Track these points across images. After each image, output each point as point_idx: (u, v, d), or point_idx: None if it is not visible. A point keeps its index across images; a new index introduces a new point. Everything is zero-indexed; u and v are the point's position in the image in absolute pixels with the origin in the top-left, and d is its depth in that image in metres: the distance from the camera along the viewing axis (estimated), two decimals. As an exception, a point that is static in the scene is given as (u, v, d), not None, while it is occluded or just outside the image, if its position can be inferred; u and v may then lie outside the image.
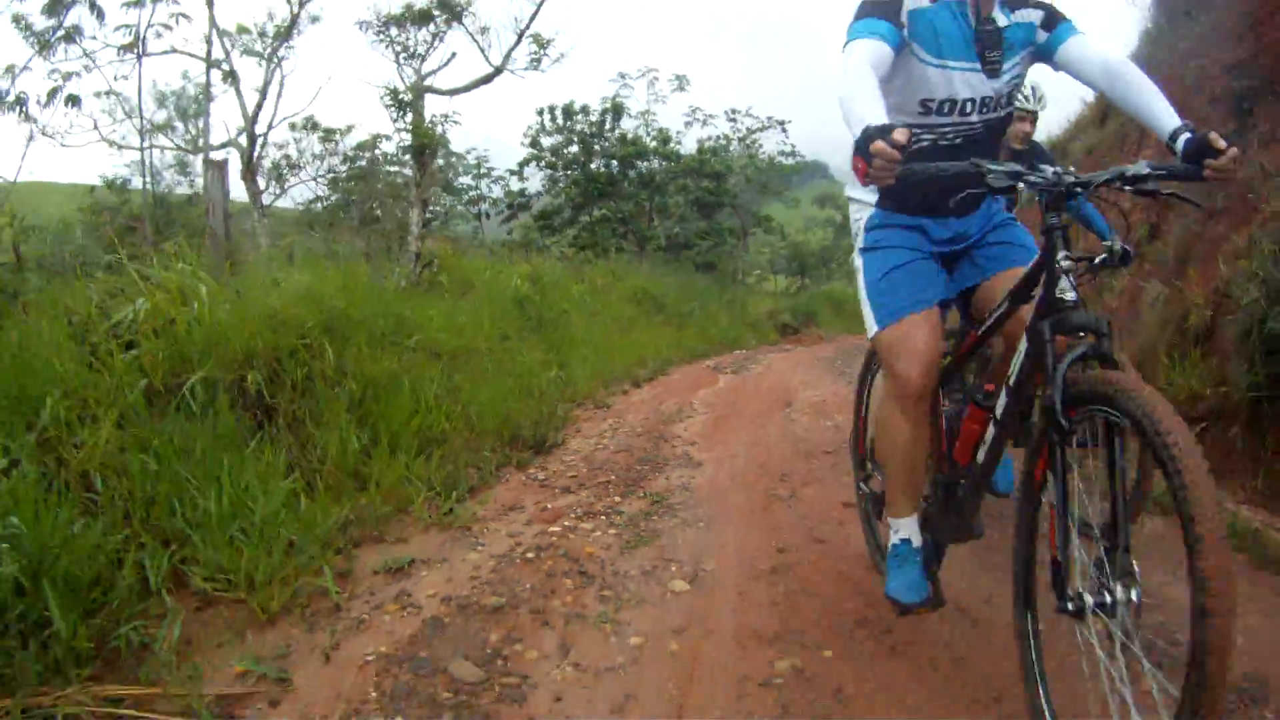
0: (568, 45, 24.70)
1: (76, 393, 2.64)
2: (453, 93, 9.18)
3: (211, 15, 10.31)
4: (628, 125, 20.39)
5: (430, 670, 1.89)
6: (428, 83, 8.57)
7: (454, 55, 12.20)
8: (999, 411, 1.78)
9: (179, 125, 12.51)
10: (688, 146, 21.95)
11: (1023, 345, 1.68)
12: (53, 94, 10.49)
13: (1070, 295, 1.59)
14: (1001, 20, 1.94)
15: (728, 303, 15.39)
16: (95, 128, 11.83)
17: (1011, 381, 1.73)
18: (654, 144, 20.46)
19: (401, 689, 1.81)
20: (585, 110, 19.86)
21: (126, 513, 2.31)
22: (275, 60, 9.91)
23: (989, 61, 1.94)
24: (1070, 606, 1.48)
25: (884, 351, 1.98)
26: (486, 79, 9.37)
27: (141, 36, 9.02)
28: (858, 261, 2.12)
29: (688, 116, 24.30)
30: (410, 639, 2.04)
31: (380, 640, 2.05)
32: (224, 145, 10.92)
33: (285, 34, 9.92)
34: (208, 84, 10.21)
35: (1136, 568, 1.41)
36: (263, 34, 10.16)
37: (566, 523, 3.00)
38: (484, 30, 9.54)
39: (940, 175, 1.65)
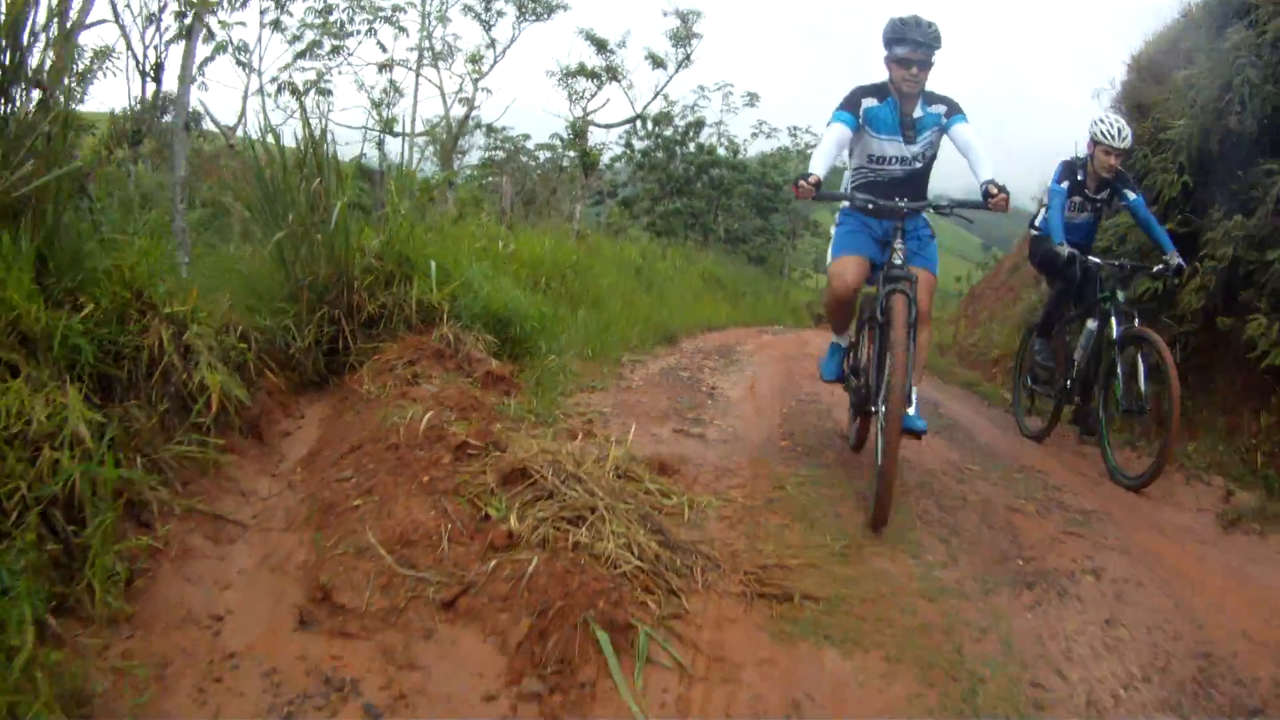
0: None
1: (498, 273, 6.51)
2: (607, 127, 13.13)
3: (425, 40, 14.30)
4: (704, 134, 23.75)
5: (670, 374, 5.75)
6: (591, 118, 12.46)
7: (608, 100, 16.05)
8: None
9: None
10: (753, 153, 25.12)
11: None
12: (311, 85, 14.60)
13: (898, 260, 2.93)
14: (918, 112, 3.15)
15: (774, 290, 19.00)
16: (317, 108, 15.99)
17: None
18: (725, 154, 23.72)
19: (663, 377, 5.66)
20: (670, 118, 23.28)
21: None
22: (476, 81, 13.90)
23: (907, 136, 3.16)
24: (873, 410, 3.00)
25: (831, 272, 3.31)
26: (629, 120, 13.25)
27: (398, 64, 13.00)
28: (832, 230, 3.45)
29: (754, 129, 27.52)
30: (658, 371, 5.91)
31: (643, 373, 5.87)
32: (421, 134, 15.02)
33: (483, 70, 13.89)
34: (416, 89, 14.25)
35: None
36: (462, 53, 14.07)
37: (696, 360, 6.85)
38: (630, 86, 13.42)
39: (835, 198, 3.23)
